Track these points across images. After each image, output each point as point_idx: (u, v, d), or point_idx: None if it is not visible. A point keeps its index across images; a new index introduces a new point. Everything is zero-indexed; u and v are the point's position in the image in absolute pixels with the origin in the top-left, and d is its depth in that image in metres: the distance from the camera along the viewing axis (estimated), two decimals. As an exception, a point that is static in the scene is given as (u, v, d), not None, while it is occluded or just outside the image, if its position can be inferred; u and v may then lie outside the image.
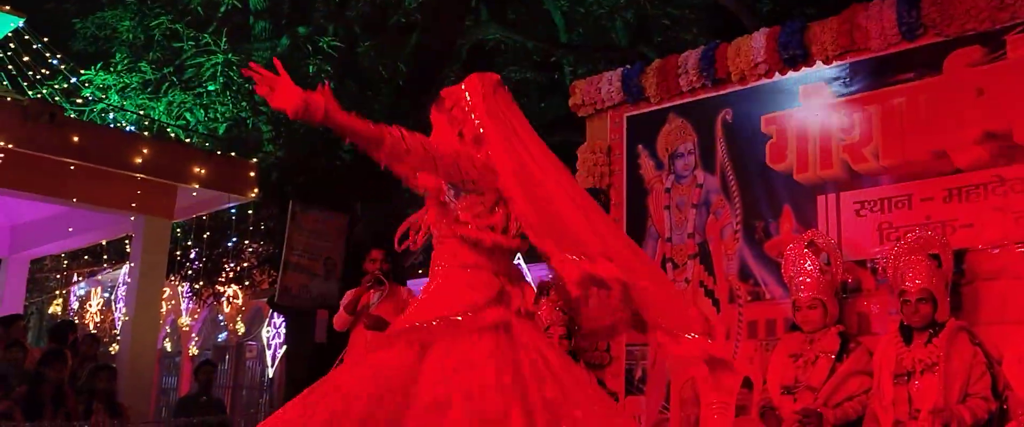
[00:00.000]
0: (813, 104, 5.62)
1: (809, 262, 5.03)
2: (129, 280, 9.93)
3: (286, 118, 10.51)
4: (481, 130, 3.12)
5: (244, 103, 11.15)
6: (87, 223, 10.14)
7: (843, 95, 5.51)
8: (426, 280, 3.20)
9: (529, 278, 10.20)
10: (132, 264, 9.44)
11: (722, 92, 6.06)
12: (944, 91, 5.12)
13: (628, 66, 6.60)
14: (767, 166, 5.77)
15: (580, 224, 3.06)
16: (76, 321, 16.22)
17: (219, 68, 11.05)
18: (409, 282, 9.21)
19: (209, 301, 14.81)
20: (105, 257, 14.16)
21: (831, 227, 5.40)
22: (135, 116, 10.92)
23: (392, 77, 10.30)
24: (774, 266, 5.51)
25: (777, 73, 5.76)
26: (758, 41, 5.77)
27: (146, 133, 10.07)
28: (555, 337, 5.28)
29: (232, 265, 12.72)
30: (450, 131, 3.19)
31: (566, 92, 7.28)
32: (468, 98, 3.17)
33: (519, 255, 10.94)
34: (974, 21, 5.01)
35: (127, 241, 10.78)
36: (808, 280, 5.00)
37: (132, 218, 9.33)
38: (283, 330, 16.22)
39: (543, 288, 5.48)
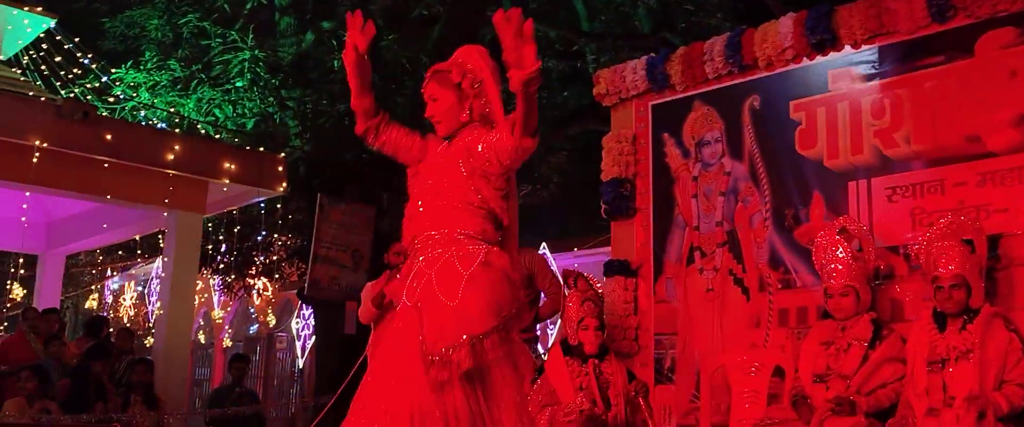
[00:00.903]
0: (843, 89, 5.50)
1: (841, 249, 4.92)
2: (162, 274, 9.96)
3: (313, 113, 10.41)
4: (490, 110, 3.10)
5: (271, 98, 11.14)
6: (121, 219, 10.19)
7: (873, 79, 5.38)
8: None
9: (554, 267, 10.05)
10: (166, 259, 9.49)
11: (749, 78, 5.93)
12: (976, 74, 4.99)
13: (653, 54, 6.49)
14: (796, 152, 5.65)
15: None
16: (110, 315, 16.34)
17: (246, 65, 11.04)
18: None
19: (240, 294, 14.86)
20: (139, 252, 14.21)
21: (863, 213, 5.29)
22: (165, 113, 10.92)
23: (415, 70, 10.22)
24: (804, 253, 5.40)
25: (805, 58, 5.63)
26: (785, 26, 5.64)
27: (177, 130, 10.09)
28: (590, 330, 5.21)
29: (262, 258, 12.73)
30: (458, 108, 3.15)
31: (589, 81, 7.19)
32: (476, 77, 3.12)
33: (545, 245, 10.75)
34: (1006, 2, 4.87)
35: (160, 236, 10.81)
36: (840, 267, 4.89)
37: (165, 214, 9.38)
38: (312, 321, 16.29)
39: (568, 277, 5.41)
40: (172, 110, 10.86)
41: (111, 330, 9.82)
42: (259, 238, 11.54)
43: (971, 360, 4.33)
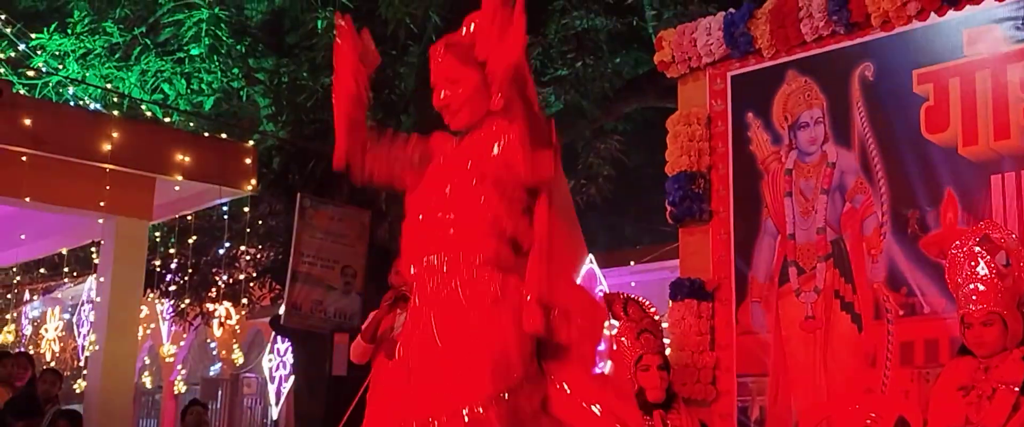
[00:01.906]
0: (983, 53, 5.52)
1: (982, 264, 4.91)
2: (97, 298, 10.09)
3: (289, 88, 10.50)
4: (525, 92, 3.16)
5: (236, 70, 11.28)
6: (44, 227, 10.36)
7: (1023, 41, 5.38)
8: None
9: (604, 286, 10.15)
10: (101, 279, 9.65)
11: (859, 40, 5.98)
12: None
13: (732, 10, 6.52)
14: (923, 137, 5.69)
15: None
16: (29, 351, 16.55)
17: (203, 26, 11.13)
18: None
19: (196, 323, 15.05)
20: (65, 269, 14.41)
21: (1011, 216, 5.31)
22: (100, 91, 11.05)
23: (422, 33, 10.31)
24: (934, 269, 5.43)
25: (933, 14, 5.66)
26: (908, -28, 5.67)
27: (115, 112, 10.23)
28: (652, 370, 5.26)
29: (225, 277, 12.89)
30: (483, 93, 3.20)
31: (648, 43, 7.22)
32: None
33: (591, 258, 10.83)
34: None
35: (94, 249, 10.96)
36: (981, 288, 4.88)
37: (100, 220, 9.54)
38: (289, 358, 16.45)
39: (614, 303, 5.46)
40: (108, 86, 10.96)
41: (33, 373, 9.96)
42: (221, 251, 11.67)
43: None
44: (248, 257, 12.86)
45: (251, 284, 14.30)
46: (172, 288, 12.71)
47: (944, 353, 5.36)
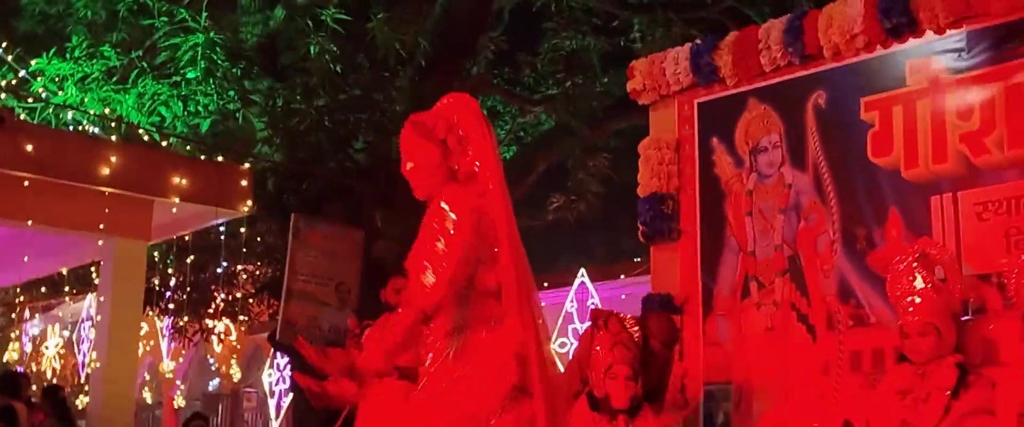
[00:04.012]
0: (923, 84, 5.99)
1: (919, 278, 5.36)
2: (98, 317, 10.46)
3: (283, 111, 10.98)
4: (477, 167, 3.67)
5: (231, 93, 11.64)
6: (45, 248, 10.73)
7: (960, 72, 5.85)
8: None
9: (596, 300, 10.66)
10: (102, 298, 9.98)
11: (813, 71, 6.44)
12: (1082, 64, 5.48)
13: (698, 41, 7.01)
14: (869, 160, 6.14)
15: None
16: (31, 369, 16.96)
17: (199, 50, 11.43)
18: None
19: (195, 339, 15.44)
20: (66, 288, 14.78)
21: (948, 234, 5.75)
22: (98, 115, 11.37)
23: (412, 56, 10.77)
24: (880, 283, 5.78)
25: (879, 46, 6.12)
26: (854, 7, 6.13)
27: (113, 137, 10.59)
28: (619, 380, 5.73)
29: (223, 295, 13.30)
30: (442, 166, 3.73)
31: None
32: (463, 131, 3.70)
33: (584, 272, 11.33)
34: (1117, -23, 5.37)
35: (93, 269, 11.34)
36: (918, 300, 5.33)
37: (100, 242, 9.90)
38: (288, 373, 16.84)
39: (597, 319, 5.95)
40: (106, 111, 11.30)
41: (33, 389, 10.39)
42: (218, 270, 12.03)
43: (1071, 412, 4.82)
44: (246, 274, 13.24)
45: (249, 301, 14.71)
46: (170, 306, 13.07)
47: (889, 360, 5.74)
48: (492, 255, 3.70)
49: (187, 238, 11.20)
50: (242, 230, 11.18)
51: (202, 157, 10.36)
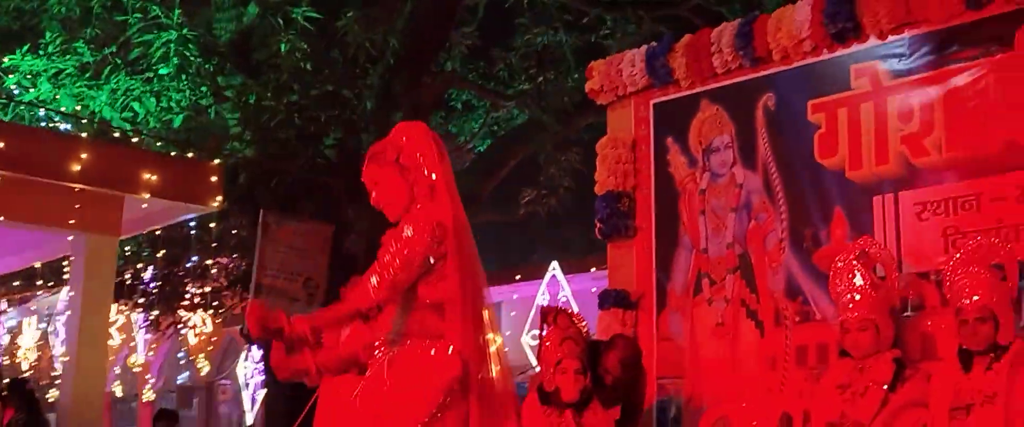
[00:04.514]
0: (866, 87, 6.21)
1: (859, 276, 5.59)
2: (67, 312, 10.56)
3: (255, 106, 11.12)
4: (433, 180, 3.90)
5: (204, 88, 11.79)
6: (15, 244, 10.84)
7: (901, 76, 6.07)
8: None
9: (568, 292, 10.86)
10: (72, 292, 10.09)
11: (763, 73, 6.66)
12: (1016, 70, 5.66)
13: (653, 44, 7.21)
14: (816, 161, 6.35)
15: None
16: (5, 361, 17.08)
17: (172, 47, 11.54)
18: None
19: (169, 332, 15.57)
20: (39, 282, 14.89)
21: (889, 233, 5.98)
22: (71, 111, 11.49)
23: (382, 55, 10.94)
24: (825, 280, 5.95)
25: (825, 50, 6.35)
26: (802, 12, 6.35)
27: (84, 134, 10.71)
28: (569, 374, 5.93)
29: (195, 287, 13.44)
30: (402, 184, 3.96)
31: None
32: (414, 150, 3.93)
33: (556, 265, 11.54)
34: (1050, -14, 5.58)
35: (65, 262, 11.46)
36: (857, 297, 5.55)
37: (70, 237, 10.00)
38: (264, 366, 16.97)
39: (547, 315, 6.15)
40: (78, 109, 11.41)
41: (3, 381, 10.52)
42: (188, 265, 12.17)
43: (997, 404, 5.03)
44: (219, 267, 13.38)
45: (223, 294, 14.84)
46: (140, 300, 13.19)
47: (833, 356, 5.91)
48: (441, 269, 3.90)
49: (158, 233, 11.32)
50: (211, 225, 11.32)
51: (172, 154, 10.48)
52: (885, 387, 5.44)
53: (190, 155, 10.56)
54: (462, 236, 3.93)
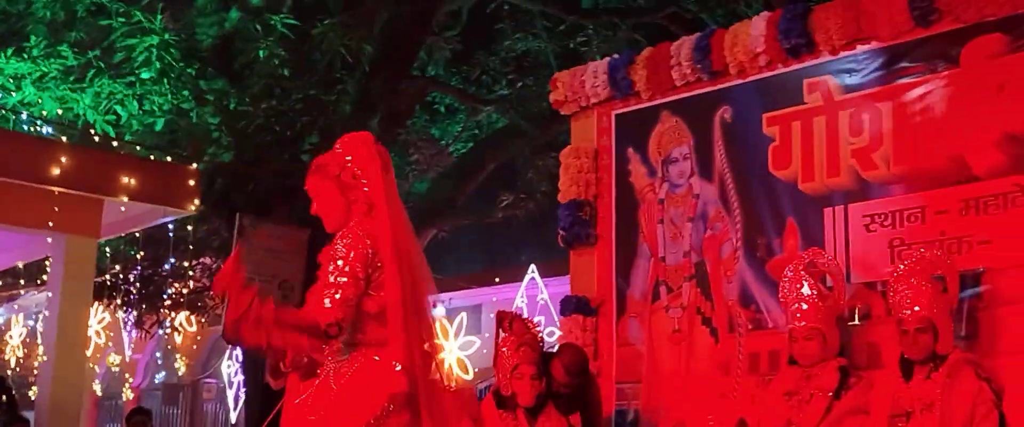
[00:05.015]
0: (818, 101, 6.34)
1: (806, 286, 5.72)
2: (46, 312, 10.64)
3: (235, 110, 11.20)
4: (373, 199, 4.00)
5: (185, 92, 11.88)
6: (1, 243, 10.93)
7: (852, 91, 6.20)
8: None
9: (545, 296, 11.00)
10: (51, 294, 10.19)
11: (720, 86, 6.79)
12: (961, 86, 5.80)
13: (615, 56, 7.34)
14: (770, 173, 6.49)
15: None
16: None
17: (154, 51, 11.64)
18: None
19: (153, 331, 15.67)
20: (22, 281, 14.97)
21: (839, 244, 6.12)
22: (54, 114, 11.56)
23: (358, 63, 11.05)
24: (777, 289, 6.10)
25: (780, 65, 6.48)
26: (757, 28, 6.48)
27: (64, 138, 10.80)
28: (525, 379, 6.05)
29: (176, 287, 13.54)
30: (341, 200, 4.06)
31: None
32: (356, 167, 4.04)
33: (534, 268, 11.67)
34: (994, 5, 5.68)
35: (47, 262, 11.54)
36: (805, 307, 5.69)
37: (49, 239, 10.08)
38: (244, 365, 17.08)
39: (502, 320, 6.27)
40: (60, 112, 11.48)
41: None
42: (166, 266, 12.27)
43: (934, 413, 5.16)
44: (195, 268, 13.47)
45: (205, 294, 14.93)
46: (119, 301, 13.29)
47: (784, 363, 6.01)
48: (378, 279, 4.00)
49: (138, 235, 11.40)
50: (189, 227, 11.41)
51: (151, 158, 10.57)
52: (830, 394, 5.57)
53: (168, 159, 10.63)
54: (402, 247, 4.01)
